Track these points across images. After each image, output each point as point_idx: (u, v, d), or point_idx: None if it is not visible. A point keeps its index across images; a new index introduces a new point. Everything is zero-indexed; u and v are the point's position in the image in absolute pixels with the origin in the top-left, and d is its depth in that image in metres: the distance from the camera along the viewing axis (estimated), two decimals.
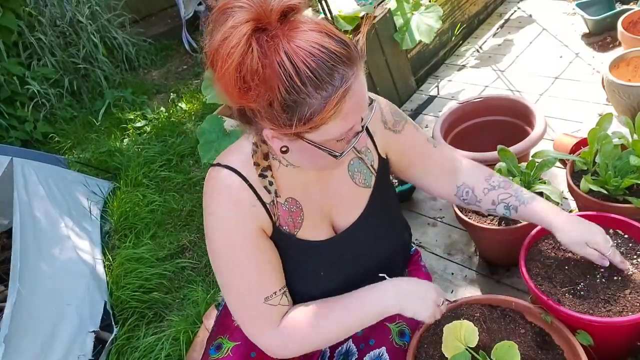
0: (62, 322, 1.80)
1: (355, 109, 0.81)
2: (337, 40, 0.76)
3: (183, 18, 3.93)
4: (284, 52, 0.72)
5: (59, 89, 3.73)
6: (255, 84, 0.74)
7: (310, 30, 0.75)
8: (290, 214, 1.02)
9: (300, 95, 0.74)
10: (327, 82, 0.74)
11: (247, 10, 0.74)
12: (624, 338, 1.17)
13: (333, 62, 0.74)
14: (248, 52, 0.73)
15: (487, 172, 1.19)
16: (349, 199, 1.08)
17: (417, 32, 2.48)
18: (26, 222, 1.97)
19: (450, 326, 1.04)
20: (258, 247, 0.98)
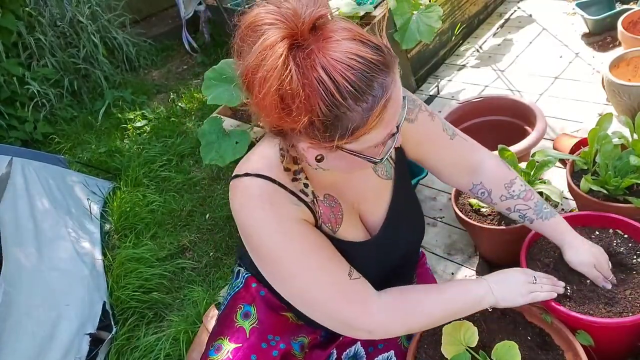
0: (60, 323, 1.79)
1: (395, 115, 0.79)
2: (372, 46, 0.73)
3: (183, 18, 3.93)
4: (322, 67, 0.70)
5: (59, 89, 3.73)
6: (296, 106, 0.71)
7: (344, 39, 0.72)
8: (331, 210, 1.00)
9: (341, 109, 0.72)
10: (367, 94, 0.72)
11: (279, 27, 0.71)
12: (624, 339, 1.17)
13: (372, 72, 0.72)
14: (287, 74, 0.70)
15: (509, 178, 1.15)
16: (373, 192, 1.07)
17: (417, 32, 2.48)
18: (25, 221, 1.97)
19: (450, 326, 1.04)
20: (315, 234, 0.94)
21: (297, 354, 1.14)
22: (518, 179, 1.15)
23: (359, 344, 1.15)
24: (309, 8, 0.71)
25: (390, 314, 0.94)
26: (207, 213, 2.46)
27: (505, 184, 1.14)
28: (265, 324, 1.13)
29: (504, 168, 1.17)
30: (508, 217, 1.48)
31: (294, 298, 0.94)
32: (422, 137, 1.10)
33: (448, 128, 1.12)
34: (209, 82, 2.00)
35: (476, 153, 1.16)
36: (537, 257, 1.23)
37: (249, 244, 0.93)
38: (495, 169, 1.15)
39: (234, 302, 1.17)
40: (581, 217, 1.30)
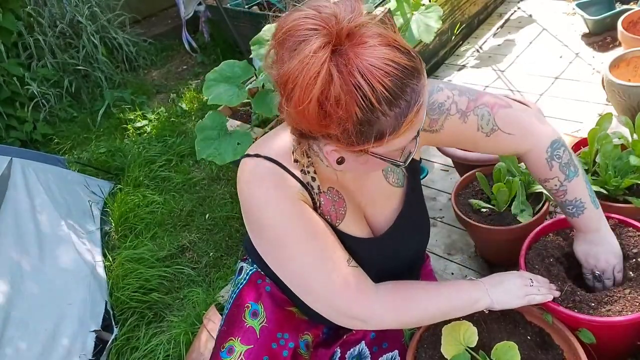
0: (63, 322, 1.80)
1: (422, 118, 0.80)
2: (404, 52, 0.74)
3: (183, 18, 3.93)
4: (359, 72, 0.70)
5: (59, 89, 3.73)
6: (337, 114, 0.72)
7: (379, 44, 0.72)
8: (333, 203, 1.00)
9: (375, 114, 0.73)
10: (401, 99, 0.73)
11: (321, 33, 0.72)
12: (624, 338, 1.17)
13: (406, 78, 0.73)
14: (330, 82, 0.71)
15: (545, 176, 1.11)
16: (382, 198, 1.07)
17: (417, 32, 2.48)
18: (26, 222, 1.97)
19: (449, 326, 1.04)
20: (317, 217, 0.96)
21: (304, 353, 1.14)
22: (555, 180, 1.10)
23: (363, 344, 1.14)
24: (347, 14, 0.73)
25: (385, 306, 0.94)
26: (207, 213, 2.46)
27: (540, 179, 1.14)
28: (273, 321, 1.13)
29: (544, 167, 1.10)
30: (508, 218, 1.49)
31: (291, 281, 0.95)
32: (452, 141, 1.09)
33: (486, 124, 1.03)
34: (209, 83, 2.00)
35: (521, 146, 1.09)
36: (538, 257, 1.23)
37: (250, 223, 0.94)
38: (535, 164, 1.11)
39: (241, 301, 1.16)
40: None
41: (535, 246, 1.26)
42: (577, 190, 1.10)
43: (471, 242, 1.82)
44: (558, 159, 1.08)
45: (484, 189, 1.56)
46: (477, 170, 1.59)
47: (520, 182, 1.48)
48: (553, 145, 1.08)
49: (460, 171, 1.87)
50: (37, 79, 3.56)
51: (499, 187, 1.46)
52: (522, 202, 1.47)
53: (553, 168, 1.09)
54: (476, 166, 1.66)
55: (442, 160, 2.22)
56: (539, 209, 1.46)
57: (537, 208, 1.46)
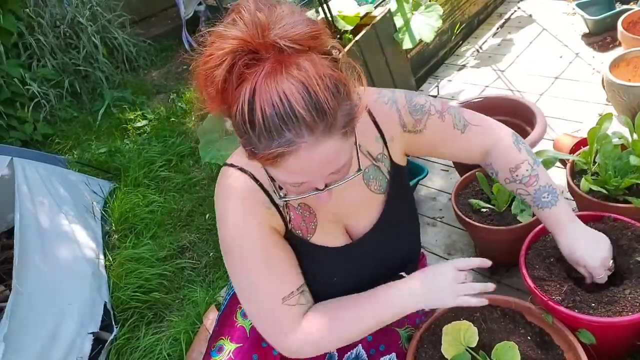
0: (63, 322, 1.80)
1: (305, 173, 0.77)
2: (313, 102, 0.69)
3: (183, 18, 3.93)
4: (252, 85, 0.69)
5: (59, 89, 3.73)
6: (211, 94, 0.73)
7: (294, 78, 0.68)
8: (303, 219, 1.00)
9: (247, 129, 0.72)
10: (273, 135, 0.70)
11: (241, 30, 0.70)
12: (624, 338, 1.17)
13: (289, 122, 0.69)
14: (220, 65, 0.70)
15: (515, 162, 1.11)
16: (363, 205, 1.06)
17: (417, 32, 2.48)
18: (28, 221, 1.97)
19: (450, 326, 1.04)
20: (274, 245, 0.96)
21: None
22: (525, 164, 1.11)
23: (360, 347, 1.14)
24: (291, 26, 0.70)
25: (304, 342, 0.95)
26: (207, 213, 2.46)
27: (510, 168, 1.12)
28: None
29: (513, 151, 1.12)
30: (508, 218, 1.49)
31: (237, 293, 0.99)
32: (432, 141, 1.09)
33: (459, 121, 1.09)
34: None
35: (489, 136, 1.13)
36: (538, 257, 1.23)
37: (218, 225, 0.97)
38: (504, 151, 1.13)
39: (234, 301, 1.18)
40: (581, 217, 1.29)
41: (535, 246, 1.26)
42: (545, 175, 1.10)
43: (471, 242, 1.82)
44: (523, 144, 1.13)
45: (484, 189, 1.56)
46: (477, 170, 1.59)
47: None
48: (513, 133, 1.14)
49: (460, 171, 1.87)
50: (37, 79, 3.57)
51: (499, 187, 1.46)
52: (522, 202, 1.47)
53: (522, 151, 1.12)
54: (476, 166, 1.66)
55: (442, 160, 2.22)
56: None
57: None
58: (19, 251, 1.79)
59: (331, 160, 0.77)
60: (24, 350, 1.63)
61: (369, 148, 1.03)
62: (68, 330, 1.79)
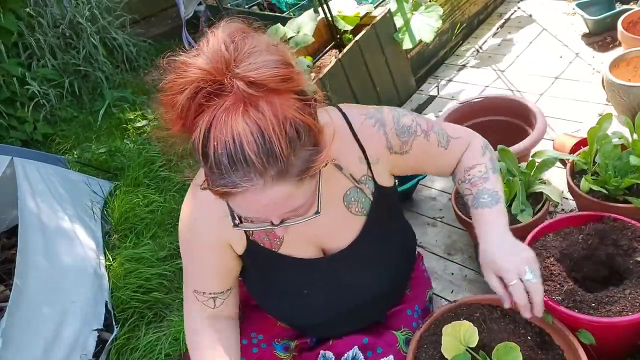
0: (66, 320, 1.80)
1: (253, 212, 0.78)
2: (265, 148, 0.67)
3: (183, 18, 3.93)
4: (210, 119, 0.67)
5: (59, 89, 3.73)
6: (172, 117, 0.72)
7: (250, 119, 0.66)
8: (266, 234, 1.01)
9: (200, 159, 0.72)
10: (222, 173, 0.69)
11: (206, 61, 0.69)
12: (624, 338, 1.17)
13: (239, 164, 0.68)
14: (182, 92, 0.69)
15: (472, 163, 1.11)
16: (341, 227, 1.05)
17: (417, 32, 2.48)
18: (30, 220, 1.97)
19: (450, 326, 1.04)
20: (210, 254, 1.03)
21: (281, 355, 1.17)
22: (482, 166, 1.10)
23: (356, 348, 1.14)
24: (256, 67, 0.68)
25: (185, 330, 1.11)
26: None
27: (466, 168, 1.11)
28: (250, 320, 1.20)
29: (477, 153, 1.12)
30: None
31: None
32: (417, 160, 1.09)
33: (442, 138, 1.09)
34: None
35: (465, 145, 1.14)
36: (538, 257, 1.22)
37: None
38: (469, 154, 1.13)
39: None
40: (581, 217, 1.30)
41: (535, 246, 1.26)
42: (497, 184, 1.08)
43: (471, 242, 1.82)
44: (490, 151, 1.14)
45: None
46: None
47: (520, 182, 1.48)
48: (484, 141, 1.16)
49: None
50: (37, 79, 3.56)
51: None
52: (522, 202, 1.47)
53: (485, 155, 1.12)
54: None
55: None
56: (539, 209, 1.46)
57: (537, 208, 1.47)
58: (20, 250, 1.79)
59: (281, 204, 0.75)
60: (26, 348, 1.63)
61: (352, 170, 1.01)
62: (71, 328, 1.80)
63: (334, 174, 0.99)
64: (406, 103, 2.73)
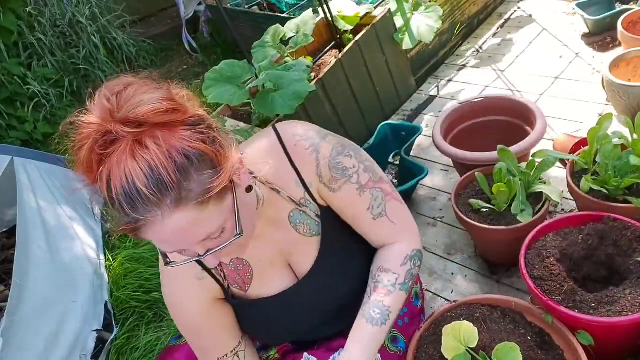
0: (66, 320, 1.81)
1: (166, 243, 0.78)
2: (155, 179, 0.70)
3: (183, 18, 3.93)
4: (108, 167, 0.71)
5: (59, 89, 3.73)
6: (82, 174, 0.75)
7: (138, 157, 0.70)
8: (237, 272, 1.04)
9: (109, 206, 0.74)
10: (125, 211, 0.72)
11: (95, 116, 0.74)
12: (624, 338, 1.17)
13: (135, 200, 0.71)
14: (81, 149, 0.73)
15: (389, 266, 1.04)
16: (296, 248, 1.06)
17: (417, 32, 2.48)
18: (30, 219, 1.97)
19: (450, 327, 1.04)
20: (209, 318, 1.04)
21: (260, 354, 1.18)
22: (393, 277, 1.03)
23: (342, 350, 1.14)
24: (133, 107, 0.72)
25: None
26: None
27: (380, 267, 1.05)
28: None
29: (399, 259, 1.05)
30: (508, 218, 1.49)
31: None
32: (343, 208, 1.04)
33: (377, 207, 1.04)
34: (208, 82, 2.00)
35: (395, 238, 1.07)
36: (538, 257, 1.23)
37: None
38: (391, 254, 1.06)
39: None
40: (581, 217, 1.30)
41: (535, 246, 1.26)
42: (397, 303, 1.01)
43: (471, 242, 1.82)
44: (413, 265, 1.06)
45: (484, 189, 1.56)
46: (477, 170, 1.59)
47: (520, 182, 1.48)
48: (418, 253, 1.07)
49: (460, 171, 1.87)
50: (37, 78, 3.56)
51: (499, 187, 1.46)
52: (522, 202, 1.47)
53: (405, 265, 1.04)
54: (476, 166, 1.66)
55: (442, 160, 2.22)
56: (539, 209, 1.46)
57: (537, 208, 1.47)
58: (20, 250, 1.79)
59: (189, 230, 0.76)
60: (27, 348, 1.63)
61: (290, 193, 1.01)
62: (71, 328, 1.80)
63: (273, 197, 1.00)
64: (406, 103, 2.73)
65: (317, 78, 2.22)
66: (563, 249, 1.23)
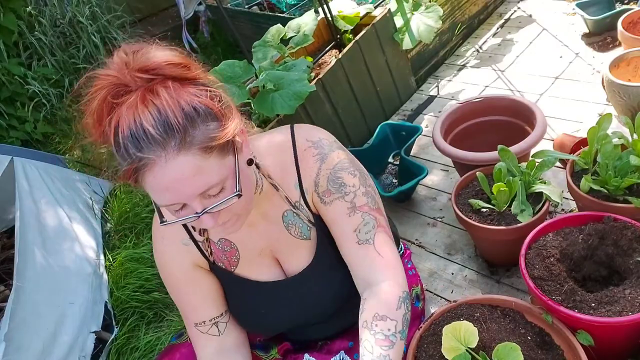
0: (65, 321, 1.80)
1: (165, 191, 0.79)
2: (162, 120, 0.75)
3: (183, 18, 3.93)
4: (119, 113, 0.75)
5: (59, 89, 3.73)
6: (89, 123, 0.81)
7: (149, 102, 0.75)
8: (224, 253, 1.06)
9: (114, 151, 0.79)
10: (130, 153, 0.76)
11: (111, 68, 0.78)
12: (624, 338, 1.17)
13: (141, 140, 0.75)
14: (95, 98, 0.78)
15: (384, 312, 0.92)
16: (288, 248, 1.06)
17: (417, 32, 2.48)
18: (29, 219, 1.97)
19: (450, 327, 1.04)
20: (188, 281, 1.06)
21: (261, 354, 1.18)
22: (392, 324, 0.92)
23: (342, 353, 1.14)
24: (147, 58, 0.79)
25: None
26: None
27: (375, 315, 0.92)
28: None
29: (389, 303, 0.93)
30: (508, 218, 1.49)
31: None
32: (329, 221, 1.02)
33: (365, 233, 0.98)
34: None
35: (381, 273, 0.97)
36: (537, 257, 1.23)
37: None
38: (384, 296, 0.94)
39: None
40: (581, 217, 1.30)
41: (535, 246, 1.26)
42: (400, 354, 0.91)
43: (471, 242, 1.82)
44: (406, 308, 0.96)
45: (484, 189, 1.56)
46: (477, 170, 1.59)
47: (520, 182, 1.48)
48: (408, 296, 0.98)
49: (460, 171, 1.87)
50: (37, 78, 3.56)
51: (499, 187, 1.46)
52: (522, 202, 1.47)
53: (400, 309, 0.94)
54: (476, 166, 1.66)
55: (442, 160, 2.22)
56: (539, 209, 1.46)
57: (537, 208, 1.47)
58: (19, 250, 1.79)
59: (189, 179, 0.77)
60: (25, 349, 1.63)
61: (288, 193, 1.02)
62: (70, 329, 1.79)
63: (271, 192, 1.02)
64: (406, 103, 2.73)
65: (317, 78, 2.22)
66: (563, 249, 1.23)
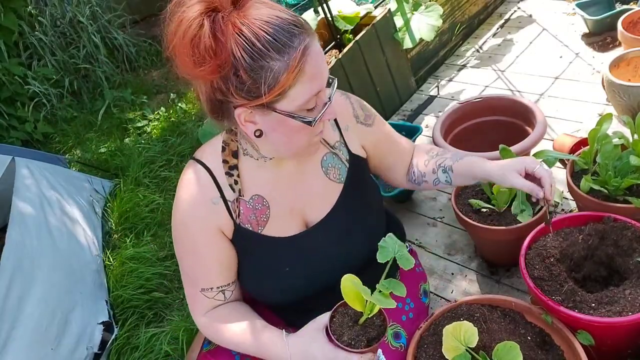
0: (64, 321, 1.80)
1: (317, 70, 0.84)
2: (290, 13, 0.82)
3: None
4: (241, 23, 0.77)
5: (60, 89, 3.73)
6: (210, 57, 0.78)
7: (264, 7, 0.80)
8: (254, 212, 1.03)
9: (264, 59, 0.78)
10: (286, 45, 0.79)
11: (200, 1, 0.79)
12: (624, 338, 1.17)
13: (289, 27, 0.80)
14: (200, 29, 0.77)
15: (429, 146, 1.25)
16: (321, 194, 1.08)
17: (417, 32, 2.48)
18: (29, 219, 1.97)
19: (450, 327, 1.04)
20: (208, 244, 1.03)
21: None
22: (438, 149, 1.23)
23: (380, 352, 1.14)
24: None
25: (203, 329, 1.09)
26: None
27: (425, 151, 1.23)
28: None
29: (427, 146, 1.25)
30: (508, 218, 1.49)
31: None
32: (379, 139, 1.18)
33: (395, 133, 1.23)
34: None
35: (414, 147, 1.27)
36: (538, 257, 1.23)
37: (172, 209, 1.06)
38: (421, 147, 1.26)
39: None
40: (581, 217, 1.30)
41: (535, 246, 1.26)
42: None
43: (471, 242, 1.82)
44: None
45: (484, 189, 1.56)
46: None
47: None
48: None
49: None
50: (38, 78, 3.57)
51: (499, 187, 1.46)
52: (522, 202, 1.47)
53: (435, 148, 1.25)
54: None
55: None
56: (539, 209, 1.46)
57: (537, 208, 1.47)
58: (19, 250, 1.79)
59: (324, 59, 0.87)
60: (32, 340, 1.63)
61: (326, 136, 1.08)
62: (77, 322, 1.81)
63: None
64: (406, 103, 2.73)
65: None
66: (563, 249, 1.23)
